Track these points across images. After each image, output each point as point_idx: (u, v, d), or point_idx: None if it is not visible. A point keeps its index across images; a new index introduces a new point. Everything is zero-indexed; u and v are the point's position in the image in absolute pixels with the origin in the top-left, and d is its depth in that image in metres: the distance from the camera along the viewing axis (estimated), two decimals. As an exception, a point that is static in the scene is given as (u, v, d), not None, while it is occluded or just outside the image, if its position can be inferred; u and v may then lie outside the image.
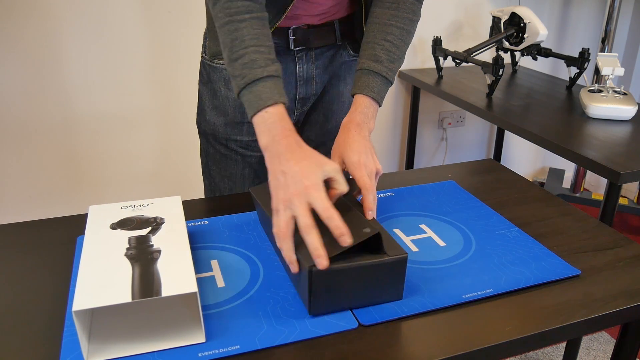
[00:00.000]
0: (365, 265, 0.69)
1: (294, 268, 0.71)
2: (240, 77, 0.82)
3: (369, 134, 0.90)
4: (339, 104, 1.17)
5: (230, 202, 1.03)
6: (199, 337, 0.66)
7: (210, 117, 1.11)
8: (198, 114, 1.15)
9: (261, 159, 1.14)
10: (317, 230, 0.69)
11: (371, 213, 0.80)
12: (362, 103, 0.92)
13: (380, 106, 0.94)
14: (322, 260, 0.67)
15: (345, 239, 0.69)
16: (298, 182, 0.72)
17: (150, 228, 0.77)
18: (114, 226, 0.78)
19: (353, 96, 0.94)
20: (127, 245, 0.73)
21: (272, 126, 0.79)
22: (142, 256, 0.71)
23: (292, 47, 1.05)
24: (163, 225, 0.78)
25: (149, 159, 2.07)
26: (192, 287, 0.64)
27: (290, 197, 0.71)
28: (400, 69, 2.30)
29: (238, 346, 0.65)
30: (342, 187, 0.75)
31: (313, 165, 0.73)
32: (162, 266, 0.68)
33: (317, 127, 1.19)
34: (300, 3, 1.00)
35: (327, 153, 1.21)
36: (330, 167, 0.74)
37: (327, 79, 1.14)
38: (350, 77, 1.16)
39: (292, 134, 0.79)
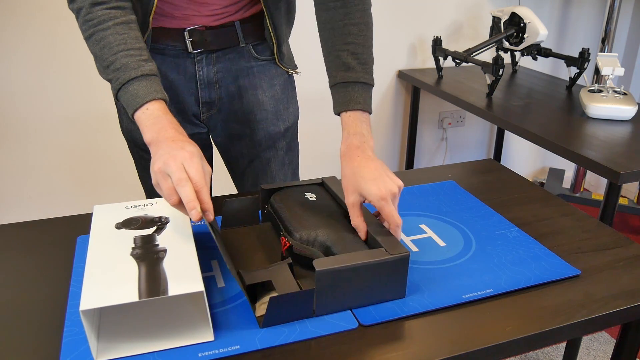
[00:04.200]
0: (367, 265, 0.69)
1: (195, 215, 0.69)
2: (114, 80, 0.82)
3: (372, 152, 0.82)
4: (261, 113, 1.09)
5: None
6: (208, 336, 0.66)
7: (126, 124, 1.09)
8: (119, 122, 1.11)
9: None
10: (191, 185, 0.69)
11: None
12: (352, 123, 0.84)
13: (370, 113, 0.86)
14: (195, 212, 0.68)
15: (194, 213, 0.68)
16: (172, 151, 0.72)
17: (155, 227, 0.78)
18: (119, 226, 0.78)
19: (338, 114, 0.87)
20: (133, 245, 0.73)
21: (157, 120, 0.78)
22: (148, 255, 0.71)
23: (190, 49, 1.00)
24: (168, 225, 0.78)
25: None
26: (198, 286, 0.64)
27: (165, 161, 0.71)
28: (400, 68, 2.30)
29: (238, 346, 0.65)
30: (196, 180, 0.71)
31: (188, 152, 0.72)
32: (168, 265, 0.68)
33: (246, 140, 1.12)
34: (187, 3, 0.96)
35: (263, 166, 1.13)
36: (199, 167, 0.72)
37: (231, 81, 1.07)
38: (267, 83, 1.09)
39: (178, 127, 0.78)
